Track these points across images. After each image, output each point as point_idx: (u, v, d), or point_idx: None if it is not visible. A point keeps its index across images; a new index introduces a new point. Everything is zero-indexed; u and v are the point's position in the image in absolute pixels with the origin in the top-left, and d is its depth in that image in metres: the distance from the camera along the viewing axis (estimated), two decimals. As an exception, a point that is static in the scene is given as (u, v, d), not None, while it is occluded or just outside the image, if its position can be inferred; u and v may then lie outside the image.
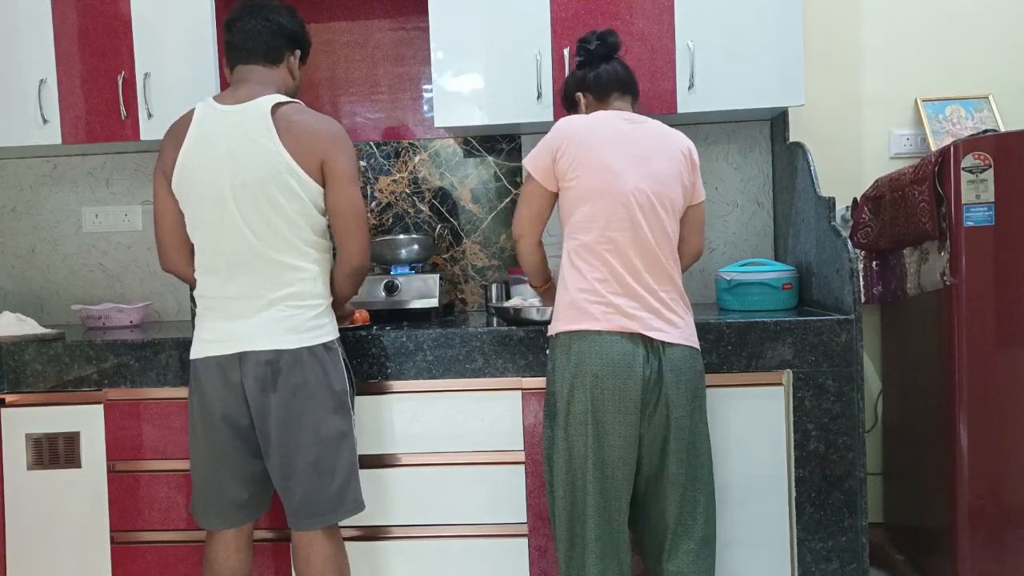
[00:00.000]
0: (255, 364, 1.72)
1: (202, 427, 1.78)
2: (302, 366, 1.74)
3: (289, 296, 1.75)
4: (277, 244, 1.73)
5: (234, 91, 1.78)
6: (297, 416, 1.74)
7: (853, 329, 2.01)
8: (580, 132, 1.79)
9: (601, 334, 1.73)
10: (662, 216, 1.78)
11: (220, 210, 1.73)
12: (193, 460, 1.83)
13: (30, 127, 2.51)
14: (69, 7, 2.49)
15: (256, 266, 1.73)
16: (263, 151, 1.70)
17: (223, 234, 1.74)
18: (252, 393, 1.73)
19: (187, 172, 1.74)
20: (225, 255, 1.75)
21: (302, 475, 1.76)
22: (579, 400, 1.74)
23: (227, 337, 1.74)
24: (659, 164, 1.79)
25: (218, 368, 1.74)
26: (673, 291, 1.80)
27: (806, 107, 2.53)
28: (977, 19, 2.64)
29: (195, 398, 1.79)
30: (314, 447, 1.75)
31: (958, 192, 2.04)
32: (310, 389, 1.75)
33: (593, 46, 1.92)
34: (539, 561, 2.10)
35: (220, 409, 1.75)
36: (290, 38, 1.85)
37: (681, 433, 1.77)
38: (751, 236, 2.73)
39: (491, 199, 2.81)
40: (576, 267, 1.78)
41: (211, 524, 1.83)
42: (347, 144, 1.78)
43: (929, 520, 2.29)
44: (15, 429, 2.19)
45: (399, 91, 2.82)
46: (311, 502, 1.77)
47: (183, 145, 1.74)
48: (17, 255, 2.94)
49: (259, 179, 1.70)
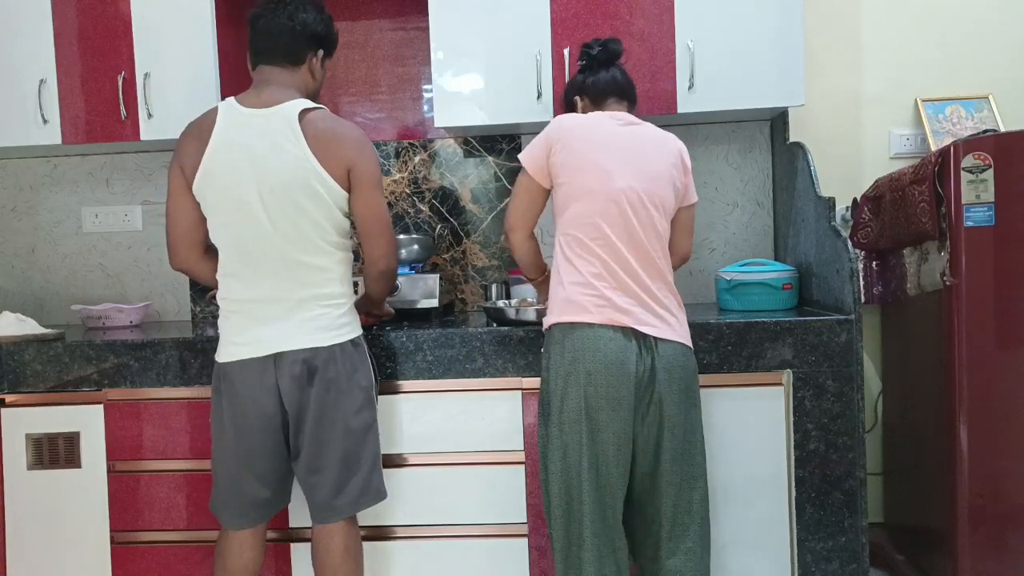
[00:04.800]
0: (292, 363, 1.75)
1: (232, 428, 1.79)
2: (335, 362, 1.79)
3: (317, 296, 1.78)
4: (304, 247, 1.75)
5: (257, 93, 1.78)
6: (330, 411, 1.78)
7: (853, 329, 2.01)
8: (574, 130, 1.82)
9: (593, 327, 1.74)
10: (653, 214, 1.79)
11: (247, 215, 1.73)
12: (217, 460, 1.84)
13: (30, 127, 2.51)
14: (69, 7, 2.49)
15: (284, 269, 1.75)
16: (291, 157, 1.72)
17: (250, 238, 1.75)
18: (288, 391, 1.76)
19: (212, 176, 1.73)
20: (253, 258, 1.76)
21: (331, 469, 1.80)
22: (572, 397, 1.75)
23: (259, 340, 1.76)
24: (650, 164, 1.82)
25: (253, 370, 1.76)
26: (665, 288, 1.81)
27: (806, 107, 2.53)
28: (977, 19, 2.64)
29: (225, 400, 1.79)
30: (343, 440, 1.80)
31: (958, 192, 2.04)
32: (341, 384, 1.79)
33: (595, 51, 1.96)
34: (539, 561, 2.10)
35: (255, 409, 1.77)
36: (313, 38, 1.83)
37: (674, 431, 1.78)
38: (751, 236, 2.73)
39: (491, 199, 2.81)
40: (570, 260, 1.80)
41: (232, 523, 1.85)
42: (372, 150, 1.82)
43: (929, 520, 2.29)
44: (15, 429, 2.19)
45: (399, 91, 2.82)
46: (338, 494, 1.81)
47: (208, 147, 1.73)
48: (17, 255, 2.94)
49: (286, 184, 1.72)
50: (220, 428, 1.82)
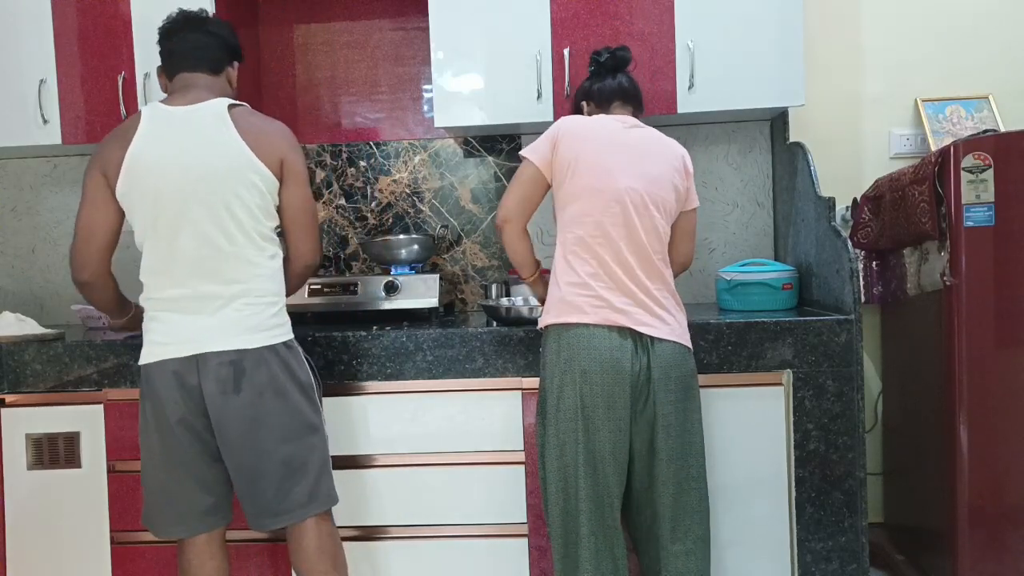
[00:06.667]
0: (217, 365, 1.69)
1: (156, 433, 1.73)
2: (267, 365, 1.72)
3: (245, 293, 1.73)
4: (236, 238, 1.72)
5: (182, 95, 1.78)
6: (264, 416, 1.71)
7: (853, 329, 2.01)
8: (578, 130, 1.83)
9: (589, 327, 1.75)
10: (655, 215, 1.80)
11: (176, 207, 1.70)
12: (145, 468, 1.77)
13: (30, 127, 2.51)
14: (69, 7, 2.49)
15: (213, 263, 1.71)
16: (223, 147, 1.71)
17: (180, 231, 1.70)
18: (211, 396, 1.69)
19: (136, 173, 1.70)
20: (181, 253, 1.71)
21: (273, 475, 1.73)
22: (568, 396, 1.75)
23: (183, 339, 1.70)
24: (652, 166, 1.82)
25: (173, 372, 1.70)
26: (664, 289, 1.81)
27: (806, 107, 2.53)
28: (977, 19, 2.64)
29: (147, 403, 1.74)
30: (284, 445, 1.73)
31: (958, 192, 2.04)
32: (277, 387, 1.73)
33: (603, 59, 1.97)
34: (539, 561, 2.10)
35: (176, 413, 1.71)
36: (230, 50, 1.89)
37: (670, 431, 1.78)
38: (751, 236, 2.73)
39: (491, 199, 2.81)
40: (567, 262, 1.80)
41: (172, 532, 1.78)
42: (299, 145, 1.84)
43: (929, 520, 2.29)
44: (15, 429, 2.19)
45: (399, 91, 2.82)
46: (283, 499, 1.75)
47: (132, 145, 1.71)
48: (17, 255, 2.94)
49: (220, 175, 1.70)
50: (146, 434, 1.75)
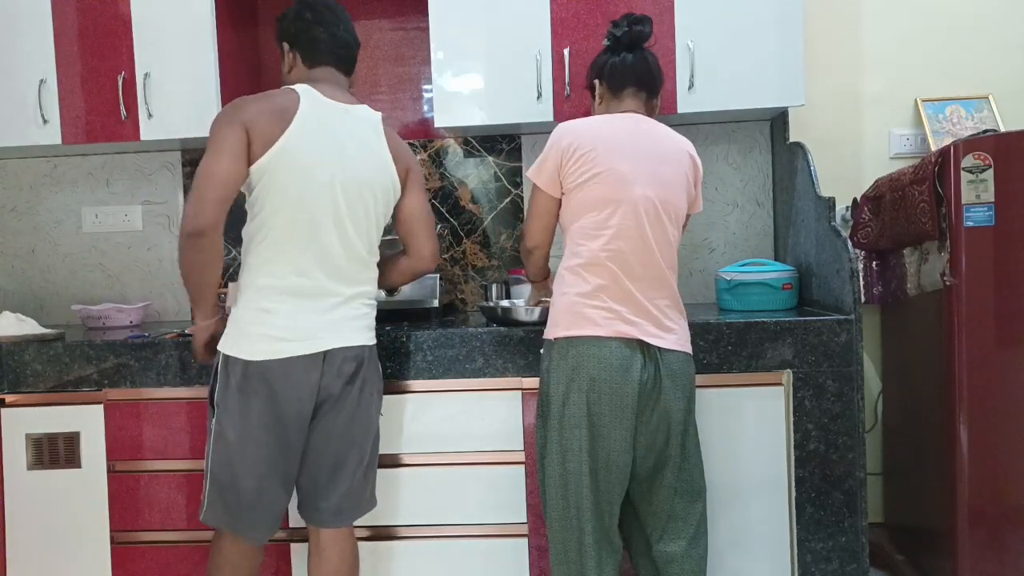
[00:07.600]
0: (344, 360, 1.73)
1: (264, 433, 1.67)
2: (374, 363, 1.83)
3: (362, 295, 1.80)
4: (364, 242, 1.78)
5: (331, 90, 1.79)
6: (363, 412, 1.79)
7: (853, 329, 2.01)
8: (585, 136, 1.77)
9: (600, 339, 1.72)
10: (666, 224, 1.78)
11: (324, 199, 1.70)
12: (239, 470, 1.68)
13: (30, 127, 2.51)
14: (69, 7, 2.49)
15: (343, 262, 1.74)
16: (376, 157, 1.80)
17: (325, 230, 1.70)
18: (331, 388, 1.72)
19: (293, 156, 1.66)
20: (317, 246, 1.69)
21: (350, 470, 1.79)
22: (574, 403, 1.73)
23: (307, 335, 1.68)
24: (667, 171, 1.79)
25: (300, 368, 1.67)
26: (669, 299, 1.80)
27: (806, 107, 2.53)
28: (977, 19, 2.64)
29: (255, 400, 1.65)
30: (365, 442, 1.81)
31: (958, 192, 2.04)
32: (376, 384, 1.84)
33: (620, 32, 1.87)
34: (539, 561, 2.10)
35: (295, 408, 1.68)
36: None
37: (676, 438, 1.78)
38: (751, 236, 2.73)
39: (491, 199, 2.80)
40: (577, 272, 1.77)
41: (261, 539, 1.76)
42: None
43: (929, 520, 2.29)
44: (15, 429, 2.19)
45: (399, 91, 2.82)
46: (351, 497, 1.80)
47: (292, 126, 1.66)
48: (17, 255, 2.94)
49: (369, 181, 1.77)
50: (245, 432, 1.66)
